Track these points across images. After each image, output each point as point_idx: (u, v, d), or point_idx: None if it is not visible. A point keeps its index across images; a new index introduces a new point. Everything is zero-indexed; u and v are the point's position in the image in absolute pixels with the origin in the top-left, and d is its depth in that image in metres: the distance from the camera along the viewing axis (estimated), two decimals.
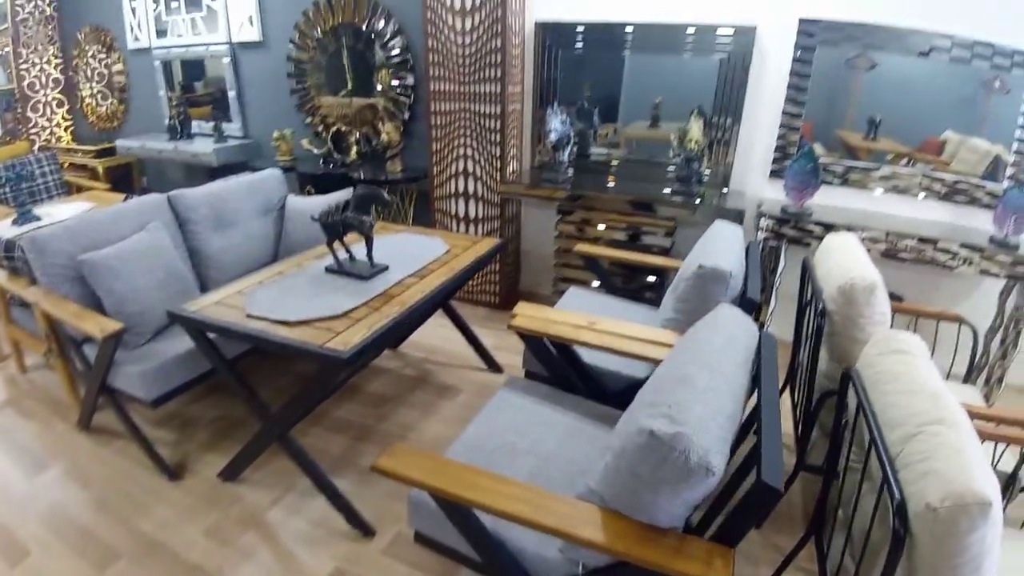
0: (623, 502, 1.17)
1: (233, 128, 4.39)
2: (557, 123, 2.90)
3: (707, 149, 2.94)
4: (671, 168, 3.08)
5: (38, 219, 3.17)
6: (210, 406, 2.60)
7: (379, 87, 3.68)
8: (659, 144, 3.18)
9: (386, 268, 2.19)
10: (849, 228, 2.55)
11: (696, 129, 2.78)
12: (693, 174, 2.86)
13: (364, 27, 3.64)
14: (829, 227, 2.61)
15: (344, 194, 2.89)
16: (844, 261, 1.91)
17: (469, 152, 3.23)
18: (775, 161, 2.95)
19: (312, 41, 3.82)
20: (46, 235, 2.16)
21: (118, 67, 4.91)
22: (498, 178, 3.21)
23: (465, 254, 2.42)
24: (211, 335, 1.93)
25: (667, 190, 3.00)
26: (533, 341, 1.94)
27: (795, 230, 2.68)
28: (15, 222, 3.11)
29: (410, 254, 2.37)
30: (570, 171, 3.20)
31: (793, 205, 2.74)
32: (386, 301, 1.96)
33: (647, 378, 1.92)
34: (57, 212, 3.30)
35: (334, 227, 2.11)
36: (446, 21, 3.04)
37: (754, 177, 3.04)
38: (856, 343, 1.71)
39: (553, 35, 3.18)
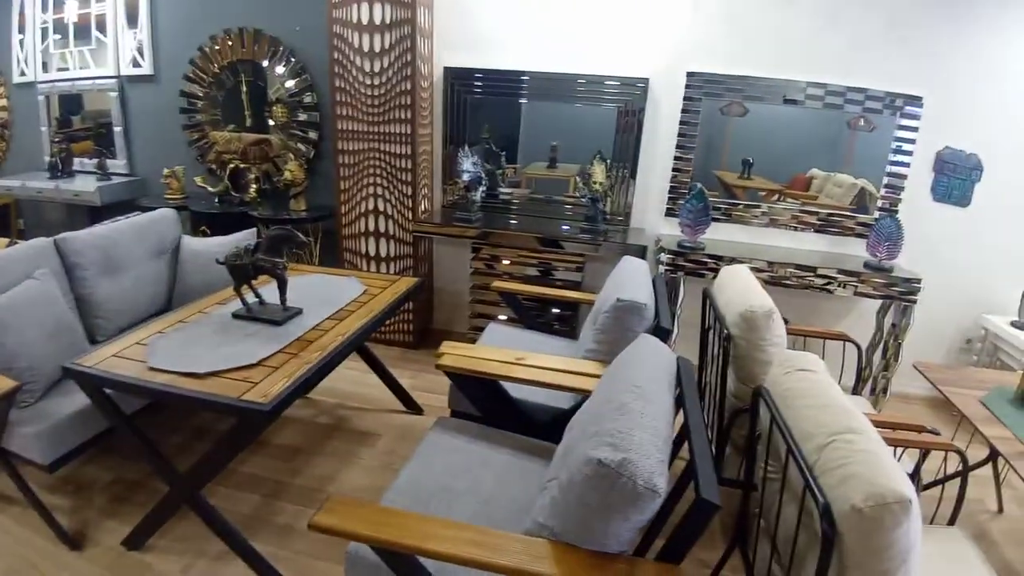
0: (573, 533, 1.19)
1: (119, 165, 4.05)
2: (469, 164, 2.98)
3: (609, 190, 3.13)
4: (571, 207, 3.27)
5: None
6: (104, 468, 2.32)
7: (277, 124, 3.58)
8: (559, 183, 3.37)
9: (300, 311, 2.11)
10: (737, 260, 2.81)
11: (599, 171, 2.97)
12: (598, 213, 3.03)
13: (264, 63, 3.54)
14: (721, 259, 2.86)
15: (246, 235, 2.77)
16: (741, 289, 2.11)
17: (379, 191, 3.21)
18: (669, 200, 3.20)
19: (208, 76, 3.66)
20: None
21: (1, 103, 4.41)
22: (410, 216, 3.21)
23: (383, 294, 2.38)
24: (109, 391, 1.74)
25: (568, 227, 3.16)
26: (461, 379, 1.94)
27: (691, 263, 2.91)
28: None
29: (325, 296, 2.30)
30: (480, 210, 3.28)
31: (688, 240, 2.97)
32: (303, 347, 1.88)
33: (573, 408, 1.99)
34: None
35: (243, 270, 2.00)
36: (353, 62, 3.04)
37: (651, 215, 3.27)
38: (759, 363, 1.88)
39: (459, 80, 3.28)
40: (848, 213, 3.06)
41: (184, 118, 3.79)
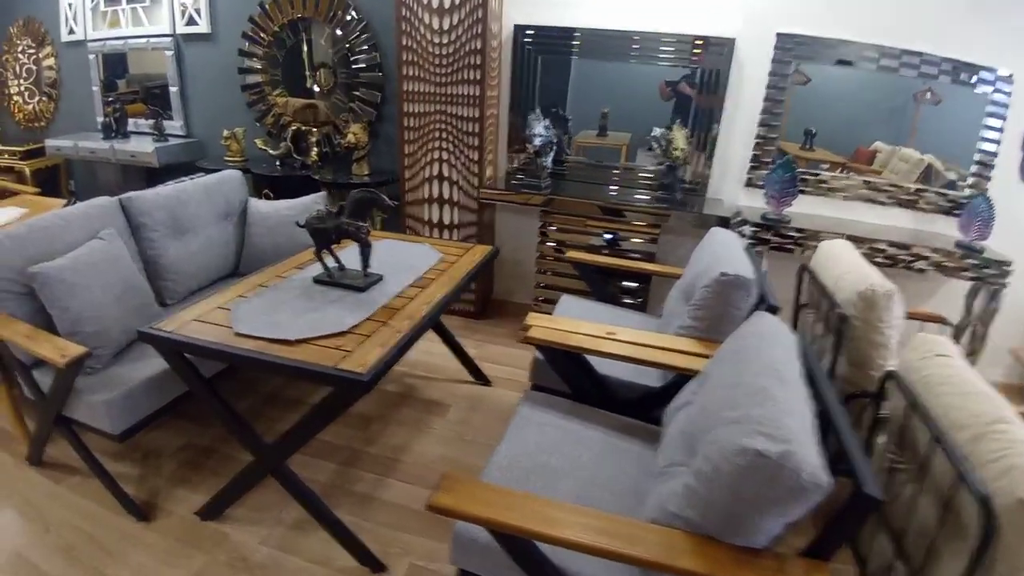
0: (716, 526, 1.10)
1: (175, 126, 4.01)
2: (540, 128, 2.83)
3: (689, 157, 2.96)
4: (645, 175, 3.10)
5: None
6: (172, 433, 2.31)
7: (322, 89, 3.48)
8: (609, 152, 3.21)
9: (381, 278, 2.03)
10: (825, 235, 2.64)
11: (680, 137, 2.80)
12: (676, 181, 2.88)
13: (327, 22, 3.43)
14: (808, 233, 2.69)
15: (315, 198, 2.70)
16: (851, 266, 1.96)
17: (445, 156, 3.10)
18: (751, 170, 3.02)
19: (268, 35, 3.55)
20: None
21: (49, 62, 4.40)
22: (476, 183, 3.10)
23: (460, 262, 2.29)
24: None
25: (646, 196, 3.01)
26: (550, 353, 1.85)
27: (778, 237, 2.75)
28: None
29: (403, 263, 2.21)
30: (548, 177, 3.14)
31: (773, 212, 2.80)
32: (391, 315, 1.81)
33: (666, 387, 1.90)
34: None
35: (325, 234, 1.92)
36: (422, 19, 2.90)
37: (730, 185, 3.10)
38: (876, 346, 1.74)
39: (532, 39, 3.11)
40: (938, 190, 2.84)
41: (242, 79, 3.71)
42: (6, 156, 4.38)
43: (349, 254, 2.06)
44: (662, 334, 1.94)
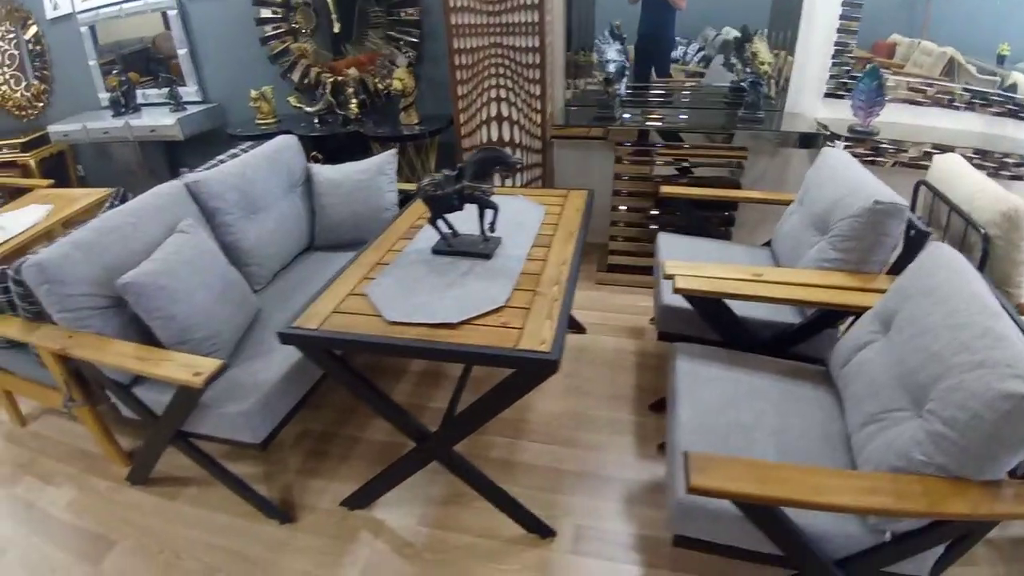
0: (971, 468, 1.09)
1: (189, 92, 3.70)
2: (614, 52, 2.61)
3: (776, 71, 2.75)
4: (713, 94, 2.92)
5: None
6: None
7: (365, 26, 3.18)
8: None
9: (500, 241, 1.90)
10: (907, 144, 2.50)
11: (763, 49, 2.60)
12: (760, 99, 2.70)
13: None
14: (902, 146, 2.55)
15: (387, 156, 2.51)
16: (978, 183, 1.87)
17: (503, 94, 2.88)
18: (831, 80, 2.82)
19: None
20: (55, 258, 1.63)
21: (34, 45, 3.99)
22: (538, 120, 2.90)
23: (566, 212, 2.15)
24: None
25: (720, 117, 2.84)
26: (702, 302, 1.77)
27: (869, 151, 2.61)
28: None
29: (509, 220, 2.05)
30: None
31: (862, 124, 2.65)
32: (535, 282, 1.68)
33: (807, 324, 1.84)
34: (9, 223, 2.69)
35: (445, 201, 1.77)
36: None
37: (807, 97, 2.91)
38: (1016, 265, 1.72)
39: None
40: (1002, 92, 2.66)
41: (260, 31, 3.38)
42: (5, 150, 3.95)
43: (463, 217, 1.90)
44: (806, 270, 1.86)
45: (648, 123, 2.79)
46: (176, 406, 1.65)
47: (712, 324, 1.81)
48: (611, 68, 2.61)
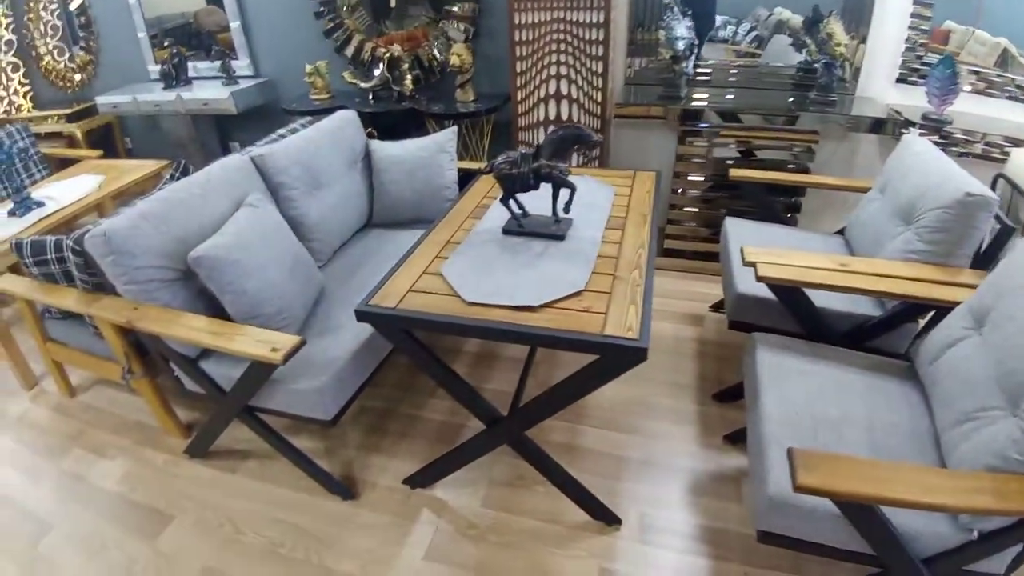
0: None
1: (241, 65, 3.70)
2: (683, 29, 2.51)
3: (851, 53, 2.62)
4: (779, 75, 2.79)
5: (40, 204, 2.61)
6: None
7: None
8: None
9: (572, 222, 1.85)
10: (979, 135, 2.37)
11: (840, 32, 2.47)
12: (833, 81, 2.58)
13: None
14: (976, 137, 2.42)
15: (447, 135, 2.46)
16: None
17: (564, 71, 2.81)
18: (903, 65, 2.69)
19: None
20: (122, 229, 1.61)
21: (80, 16, 4.01)
22: (599, 98, 2.82)
23: (636, 194, 2.09)
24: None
25: (787, 99, 2.72)
26: (785, 292, 1.70)
27: (940, 139, 2.47)
28: (12, 213, 2.54)
29: (580, 200, 2.00)
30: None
31: (936, 112, 2.52)
32: (613, 265, 1.63)
33: (884, 318, 1.76)
34: (60, 193, 2.73)
35: (521, 179, 1.73)
36: None
37: (878, 81, 2.77)
38: None
39: None
40: None
41: (314, 3, 3.35)
42: (50, 120, 4.00)
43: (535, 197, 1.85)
44: (893, 261, 1.78)
45: (714, 103, 2.69)
46: (249, 381, 1.65)
47: (793, 314, 1.75)
48: (680, 45, 2.51)
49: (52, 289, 1.93)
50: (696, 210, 2.93)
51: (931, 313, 1.73)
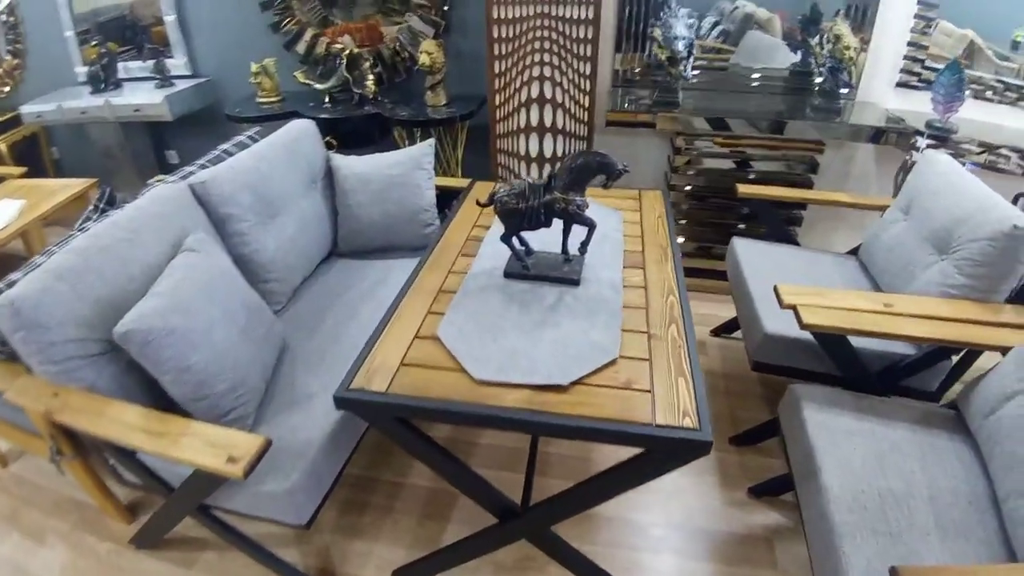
0: None
1: (178, 65, 3.25)
2: (682, 27, 2.27)
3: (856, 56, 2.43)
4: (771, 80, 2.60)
5: None
6: None
7: None
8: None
9: (582, 260, 1.57)
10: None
11: (848, 33, 2.28)
12: (838, 85, 2.39)
13: None
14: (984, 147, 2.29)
15: (422, 148, 2.16)
16: None
17: (548, 72, 2.53)
18: (904, 70, 2.53)
19: None
20: (31, 295, 1.26)
21: (8, 16, 3.45)
22: (586, 103, 2.57)
23: (648, 221, 1.84)
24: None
25: (793, 107, 2.53)
26: (828, 339, 1.50)
27: (952, 148, 2.33)
28: None
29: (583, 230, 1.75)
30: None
31: (940, 120, 2.37)
32: (640, 316, 1.38)
33: (919, 357, 1.59)
34: None
35: (529, 215, 1.45)
36: None
37: (879, 85, 2.61)
38: None
39: None
40: None
41: None
42: None
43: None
44: (934, 299, 1.60)
45: (700, 109, 2.47)
46: (197, 489, 1.33)
47: (834, 359, 1.56)
48: (679, 46, 2.27)
49: None
50: (691, 224, 2.72)
51: (964, 351, 1.61)
